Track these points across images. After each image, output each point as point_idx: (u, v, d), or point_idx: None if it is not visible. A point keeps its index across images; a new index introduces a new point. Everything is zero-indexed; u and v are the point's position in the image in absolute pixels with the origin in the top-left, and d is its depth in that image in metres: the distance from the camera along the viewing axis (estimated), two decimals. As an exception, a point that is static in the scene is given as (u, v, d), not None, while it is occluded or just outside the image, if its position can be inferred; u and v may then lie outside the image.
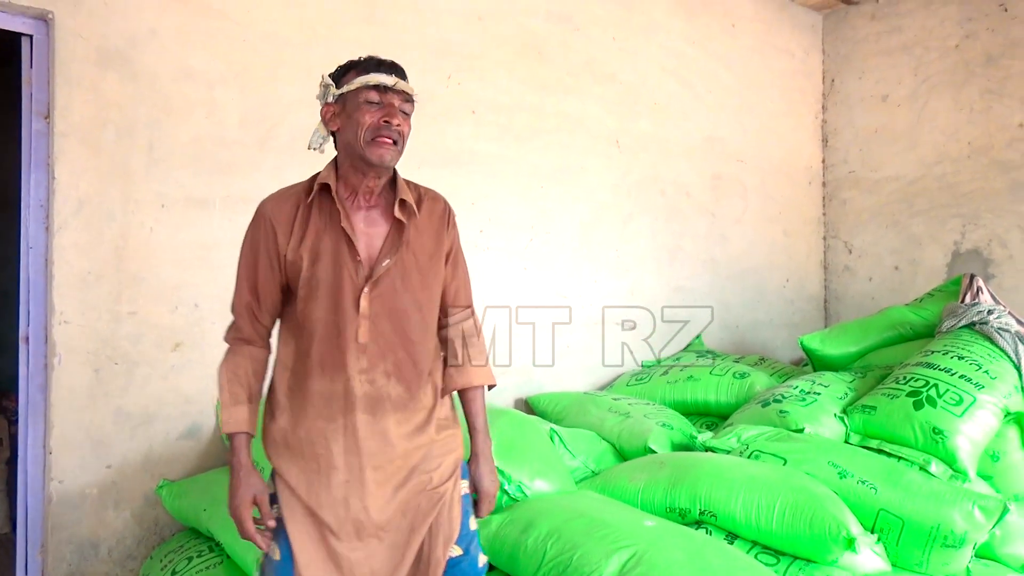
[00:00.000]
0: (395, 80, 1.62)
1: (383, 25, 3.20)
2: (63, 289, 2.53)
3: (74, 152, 2.54)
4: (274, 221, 1.65)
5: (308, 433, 1.63)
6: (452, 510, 1.69)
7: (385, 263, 1.63)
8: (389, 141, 1.61)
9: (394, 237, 1.66)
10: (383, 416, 1.63)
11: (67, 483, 2.54)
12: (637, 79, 4.08)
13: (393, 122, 1.61)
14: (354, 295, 1.61)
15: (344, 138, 1.65)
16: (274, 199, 1.70)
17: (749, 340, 4.67)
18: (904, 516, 2.33)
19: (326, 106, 1.68)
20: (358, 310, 1.61)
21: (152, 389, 2.69)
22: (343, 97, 1.64)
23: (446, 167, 3.36)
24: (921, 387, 2.81)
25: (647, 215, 4.14)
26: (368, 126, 1.60)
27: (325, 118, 1.68)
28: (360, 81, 1.61)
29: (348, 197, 1.67)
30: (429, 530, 1.66)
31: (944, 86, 4.47)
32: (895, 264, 4.71)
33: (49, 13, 2.50)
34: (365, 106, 1.60)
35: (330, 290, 1.62)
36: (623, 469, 2.64)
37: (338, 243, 1.62)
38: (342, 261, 1.62)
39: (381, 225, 1.67)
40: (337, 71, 1.68)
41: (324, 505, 1.61)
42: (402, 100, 1.64)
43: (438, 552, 1.65)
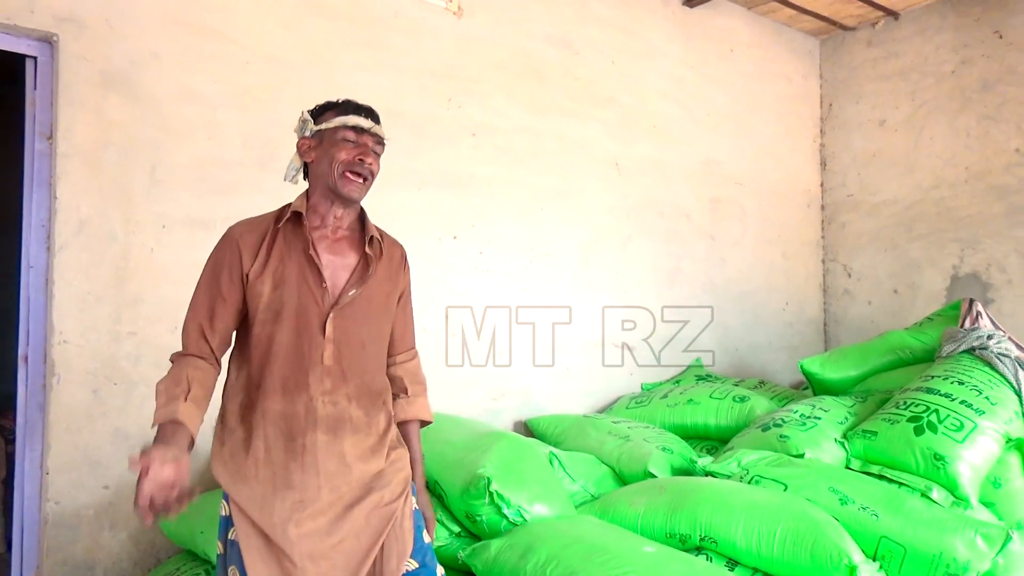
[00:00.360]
0: (371, 124, 1.75)
1: (383, 48, 3.23)
2: (63, 309, 2.52)
3: (76, 173, 2.55)
4: (241, 244, 1.71)
5: (263, 454, 1.65)
6: (403, 525, 1.73)
7: (352, 292, 1.72)
8: (359, 179, 1.73)
9: (361, 270, 1.76)
10: (342, 437, 1.69)
11: (64, 504, 2.53)
12: (636, 103, 4.11)
13: (366, 160, 1.73)
14: (320, 319, 1.69)
15: (318, 170, 1.76)
16: (243, 224, 1.77)
17: (748, 363, 4.66)
18: (906, 544, 2.31)
19: (303, 139, 1.78)
20: (324, 334, 1.68)
21: (151, 409, 2.64)
22: (320, 133, 1.75)
23: (446, 189, 3.38)
24: (922, 412, 2.80)
25: (646, 237, 4.15)
26: (342, 161, 1.71)
27: (301, 150, 1.79)
28: (339, 121, 1.73)
29: (316, 227, 1.76)
30: (381, 547, 1.68)
31: (941, 111, 4.50)
32: (894, 287, 4.72)
33: (54, 36, 2.53)
34: (342, 143, 1.72)
35: (294, 313, 1.68)
36: (623, 494, 2.62)
37: (303, 269, 1.70)
38: (308, 287, 1.70)
39: (348, 256, 1.77)
40: (316, 109, 1.80)
41: (276, 525, 1.62)
42: (375, 142, 1.76)
43: (391, 565, 1.68)
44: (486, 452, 2.48)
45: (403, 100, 3.26)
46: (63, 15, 2.53)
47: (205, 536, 2.41)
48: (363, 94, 3.09)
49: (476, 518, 2.38)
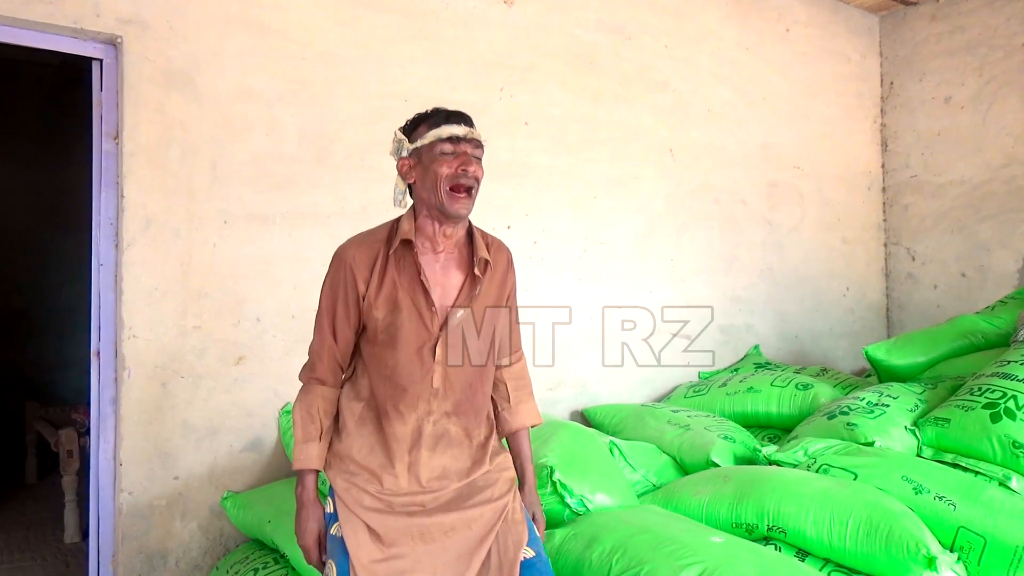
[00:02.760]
0: (466, 130, 1.69)
1: (435, 40, 3.23)
2: (132, 305, 2.59)
3: (142, 171, 2.61)
4: (354, 268, 1.71)
5: (373, 463, 1.71)
6: (516, 515, 1.76)
7: (459, 314, 1.71)
8: (464, 193, 1.68)
9: (469, 289, 1.74)
10: (443, 451, 1.73)
11: (136, 494, 2.60)
12: (690, 87, 4.04)
13: (469, 170, 1.67)
14: (430, 343, 1.70)
15: (422, 190, 1.72)
16: (355, 246, 1.75)
17: (808, 350, 4.55)
18: (986, 534, 2.22)
19: (401, 160, 1.74)
20: (434, 357, 1.70)
21: (216, 402, 2.73)
22: (418, 151, 1.71)
23: (499, 180, 3.36)
24: (998, 399, 2.69)
25: (702, 224, 4.08)
26: (445, 176, 1.66)
27: (402, 172, 1.75)
28: (433, 135, 1.67)
29: (425, 249, 1.74)
30: (497, 537, 1.71)
31: (1011, 86, 4.32)
32: (962, 271, 4.55)
33: (118, 38, 2.59)
34: (441, 157, 1.67)
35: (409, 338, 1.70)
36: (686, 483, 2.58)
37: (415, 294, 1.70)
38: (420, 311, 1.70)
39: (455, 275, 1.75)
40: (408, 125, 1.75)
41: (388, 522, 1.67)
42: (474, 147, 1.70)
43: (511, 554, 1.70)
44: (547, 442, 2.47)
45: (455, 91, 3.26)
46: (126, 17, 2.59)
47: (273, 525, 2.45)
48: (416, 86, 3.13)
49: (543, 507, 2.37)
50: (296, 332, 2.86)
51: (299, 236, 2.90)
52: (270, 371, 2.81)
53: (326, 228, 2.94)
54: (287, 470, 2.82)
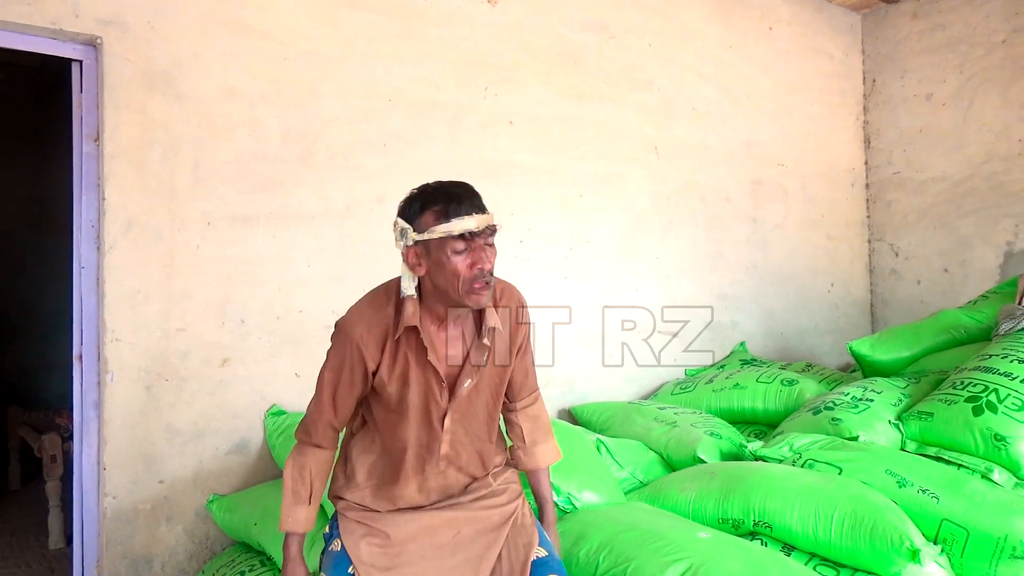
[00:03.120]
0: (478, 222, 1.53)
1: (418, 39, 3.22)
2: (114, 307, 2.57)
3: (123, 173, 2.59)
4: (362, 347, 1.65)
5: (379, 517, 1.75)
6: (524, 518, 1.78)
7: (467, 383, 1.69)
8: (484, 285, 1.57)
9: (475, 356, 1.69)
10: (452, 499, 1.78)
11: (121, 499, 2.58)
12: (674, 86, 4.05)
13: (486, 268, 1.56)
14: (439, 415, 1.70)
15: (435, 284, 1.59)
16: (362, 324, 1.65)
17: (794, 346, 4.58)
18: (969, 526, 2.24)
19: (408, 249, 1.59)
20: (443, 427, 1.70)
21: (201, 405, 2.72)
22: (425, 244, 1.56)
23: (484, 178, 3.36)
24: (980, 392, 2.72)
25: (687, 222, 4.09)
26: (464, 277, 1.54)
27: (409, 263, 1.60)
28: (443, 230, 1.52)
29: (432, 325, 1.67)
30: (506, 541, 1.73)
31: (991, 83, 4.36)
32: (944, 266, 4.59)
33: (98, 39, 2.56)
34: (453, 256, 1.53)
35: (418, 413, 1.70)
36: (673, 479, 2.59)
37: (425, 372, 1.67)
38: (428, 386, 1.68)
39: (460, 343, 1.69)
40: (409, 210, 1.59)
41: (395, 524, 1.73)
42: (487, 237, 1.57)
43: (521, 555, 1.71)
44: (534, 440, 2.46)
45: (440, 90, 3.26)
46: (106, 18, 2.57)
47: (259, 528, 2.44)
48: (400, 85, 3.12)
49: (526, 506, 2.37)
50: (281, 333, 2.84)
51: (283, 236, 2.89)
52: (255, 373, 2.80)
53: (311, 228, 2.93)
54: (273, 472, 2.80)
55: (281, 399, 2.84)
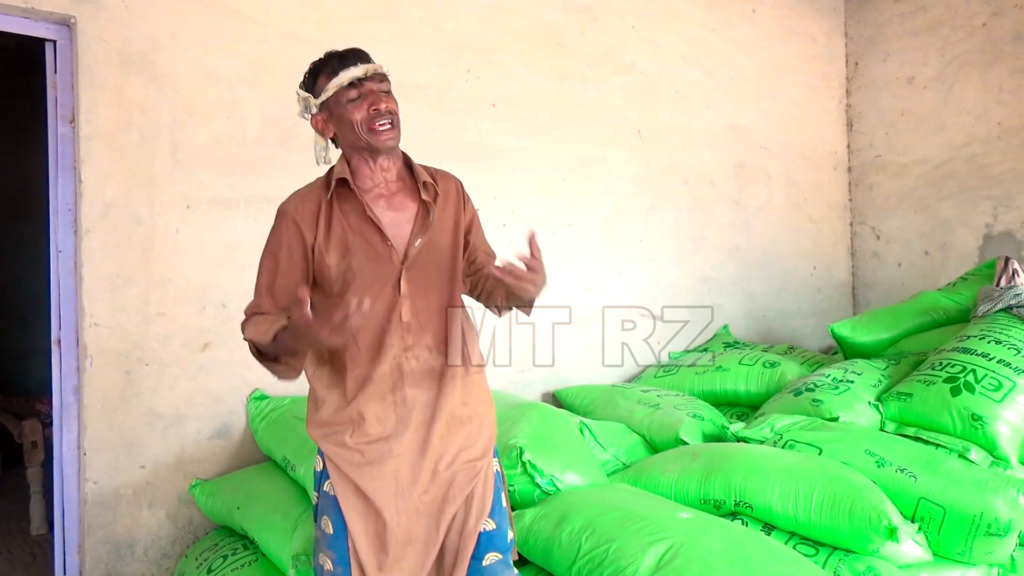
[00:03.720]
0: (364, 69, 1.66)
1: (400, 20, 3.19)
2: (92, 292, 2.54)
3: (99, 155, 2.56)
4: (298, 219, 1.67)
5: (357, 415, 1.66)
6: (486, 484, 1.74)
7: (418, 242, 1.68)
8: (387, 124, 1.65)
9: (422, 217, 1.71)
10: (429, 388, 1.69)
11: (102, 484, 2.57)
12: (657, 68, 4.04)
13: (381, 108, 1.65)
14: (394, 278, 1.67)
15: (344, 139, 1.70)
16: (295, 198, 1.72)
17: (777, 329, 4.61)
18: (945, 504, 2.28)
19: (313, 117, 1.72)
20: (399, 291, 1.66)
21: (182, 389, 2.70)
22: (325, 104, 1.68)
23: (467, 161, 3.34)
24: (958, 373, 2.75)
25: (670, 205, 4.09)
26: (360, 120, 1.64)
27: (318, 128, 1.73)
28: (334, 84, 1.65)
29: (367, 188, 1.71)
30: (464, 502, 1.70)
31: (972, 66, 4.37)
32: (925, 249, 4.63)
33: (71, 18, 2.52)
34: (349, 105, 1.65)
35: (368, 279, 1.65)
36: (655, 461, 2.61)
37: (367, 233, 1.67)
38: (374, 250, 1.66)
39: (406, 208, 1.72)
40: (306, 80, 1.72)
41: (375, 482, 1.65)
42: (378, 82, 1.67)
43: (471, 523, 1.69)
44: (517, 423, 2.47)
45: (422, 72, 3.23)
46: (80, -3, 2.53)
47: (241, 512, 2.44)
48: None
49: (509, 488, 2.38)
50: (263, 318, 2.82)
51: (264, 220, 2.82)
52: (237, 357, 2.78)
53: (292, 212, 2.90)
54: (256, 456, 2.80)
55: (263, 383, 2.83)
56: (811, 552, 2.18)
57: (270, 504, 2.37)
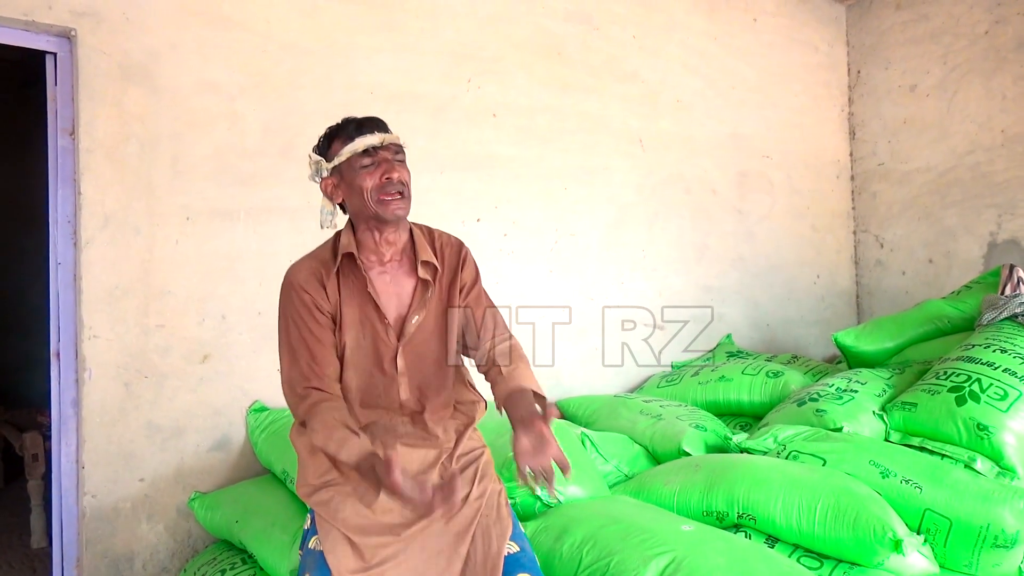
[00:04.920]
0: (381, 137, 1.65)
1: (400, 31, 3.19)
2: (92, 304, 2.54)
3: (99, 167, 2.56)
4: (308, 288, 1.66)
5: (349, 473, 1.66)
6: (501, 509, 1.73)
7: (414, 320, 1.68)
8: (396, 195, 1.65)
9: (420, 294, 1.70)
10: (420, 448, 1.70)
11: (100, 497, 2.55)
12: (659, 77, 4.04)
13: (393, 177, 1.64)
14: (390, 356, 1.66)
15: (352, 206, 1.70)
16: (301, 270, 1.71)
17: (780, 338, 4.59)
18: (952, 516, 2.25)
19: (324, 181, 1.71)
20: (396, 369, 1.66)
21: (181, 402, 2.69)
22: (337, 169, 1.68)
23: (468, 171, 3.34)
24: (963, 382, 2.72)
25: (673, 214, 4.08)
26: (371, 188, 1.63)
27: (327, 192, 1.72)
28: (348, 150, 1.64)
29: (371, 263, 1.70)
30: (480, 531, 1.68)
31: (974, 74, 4.36)
32: (929, 257, 4.60)
33: (72, 30, 2.52)
34: (361, 171, 1.64)
35: (368, 354, 1.65)
36: (657, 473, 2.58)
37: (365, 308, 1.67)
38: (372, 325, 1.66)
39: (406, 284, 1.71)
40: (321, 144, 1.72)
41: (361, 524, 1.63)
42: (393, 153, 1.67)
43: (494, 548, 1.66)
44: (517, 434, 2.45)
45: (422, 83, 3.23)
46: (80, 9, 2.53)
47: (240, 525, 2.42)
48: (382, 78, 3.09)
49: (510, 500, 2.36)
50: (263, 329, 2.81)
51: (264, 231, 2.86)
52: (237, 369, 2.77)
53: (292, 223, 2.89)
54: (255, 469, 2.78)
55: (263, 395, 2.81)
56: (815, 565, 2.16)
57: (269, 518, 2.35)
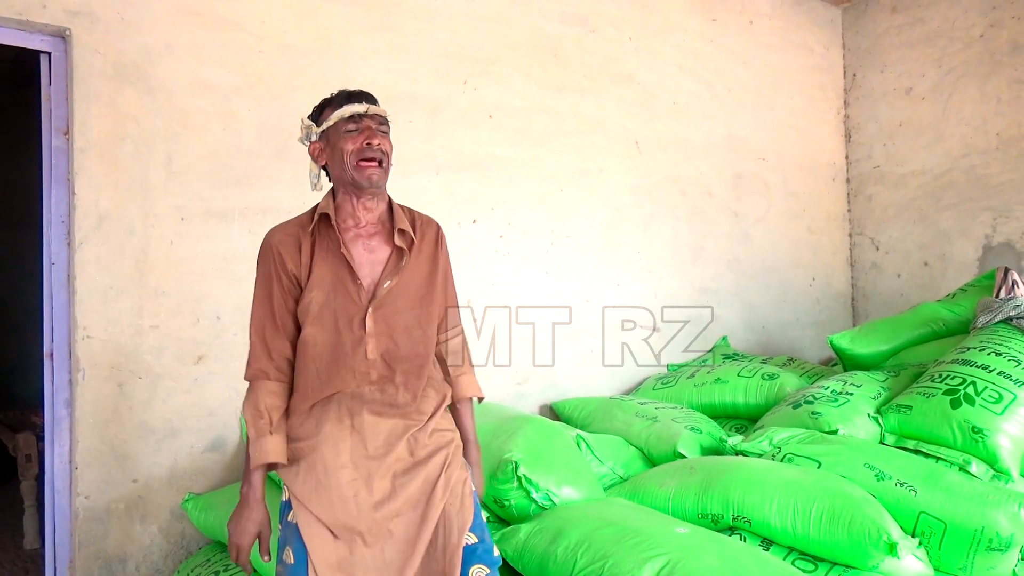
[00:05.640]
0: (367, 107, 1.73)
1: (397, 32, 3.18)
2: (85, 304, 2.53)
3: (93, 167, 2.55)
4: (281, 249, 1.74)
5: (316, 440, 1.70)
6: (464, 500, 1.74)
7: (387, 284, 1.73)
8: (374, 162, 1.72)
9: (394, 261, 1.76)
10: (388, 418, 1.72)
11: (93, 498, 2.54)
12: (655, 79, 4.04)
13: (374, 143, 1.71)
14: (360, 316, 1.71)
15: (334, 169, 1.76)
16: (278, 230, 1.79)
17: (776, 340, 4.59)
18: (946, 519, 2.25)
19: (312, 144, 1.80)
20: (364, 329, 1.70)
21: (176, 403, 2.68)
22: (325, 133, 1.76)
23: (464, 172, 3.34)
24: (958, 385, 2.73)
25: (669, 216, 4.08)
26: (351, 151, 1.71)
27: (313, 155, 1.80)
28: (336, 115, 1.73)
29: (348, 227, 1.76)
30: (443, 520, 1.70)
31: (969, 77, 4.37)
32: (924, 260, 4.61)
33: (66, 30, 2.51)
34: (346, 135, 1.72)
35: (333, 314, 1.71)
36: (652, 475, 2.58)
37: (338, 269, 1.72)
38: (343, 286, 1.71)
39: (381, 251, 1.77)
40: (314, 112, 1.81)
41: (335, 508, 1.66)
42: (378, 123, 1.75)
43: (453, 539, 1.69)
44: (513, 436, 2.45)
45: (418, 84, 3.22)
46: (75, 9, 2.52)
47: (234, 527, 2.40)
48: (378, 79, 3.08)
49: (504, 503, 2.36)
50: (257, 330, 2.80)
51: (259, 232, 2.83)
52: (231, 370, 2.76)
53: (287, 224, 2.88)
54: (250, 470, 2.77)
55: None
56: (810, 568, 2.15)
57: (263, 519, 2.34)
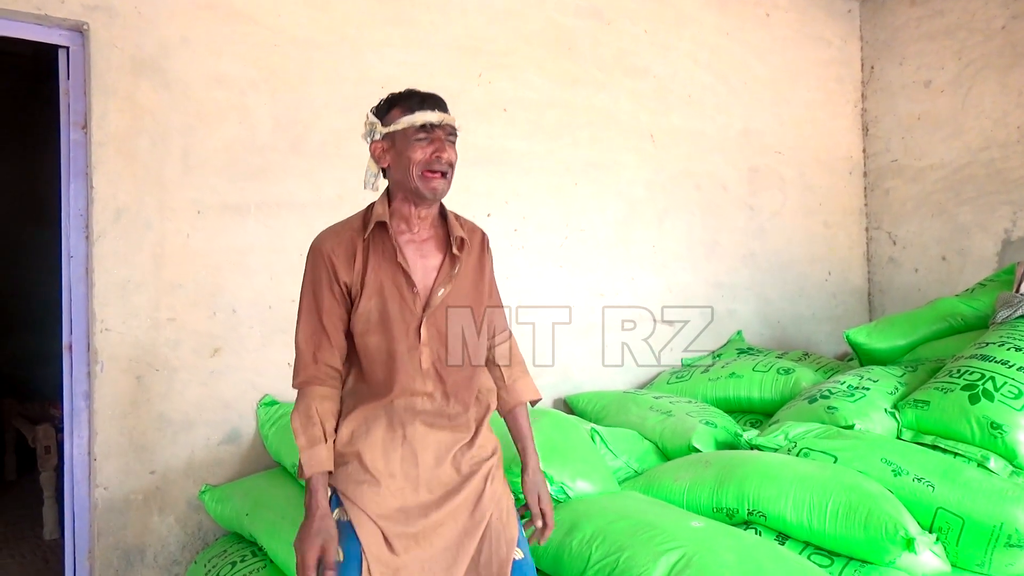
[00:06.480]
0: (440, 116, 1.68)
1: (411, 25, 3.18)
2: (103, 297, 2.55)
3: (111, 161, 2.57)
4: (333, 257, 1.69)
5: (365, 444, 1.68)
6: (509, 514, 1.74)
7: (440, 292, 1.70)
8: (439, 174, 1.68)
9: (447, 268, 1.73)
10: (439, 429, 1.71)
11: (112, 489, 2.57)
12: (670, 72, 4.02)
13: (443, 156, 1.67)
14: (415, 324, 1.68)
15: (395, 174, 1.71)
16: (330, 236, 1.73)
17: (791, 335, 4.56)
18: (964, 515, 2.23)
19: (374, 143, 1.73)
20: (419, 338, 1.68)
21: (192, 395, 2.70)
22: (390, 135, 1.70)
23: (478, 165, 3.33)
24: (977, 380, 2.70)
25: (683, 210, 4.06)
26: (419, 162, 1.66)
27: (375, 155, 1.74)
28: (407, 121, 1.67)
29: (402, 231, 1.73)
30: (489, 533, 1.69)
31: (990, 69, 4.32)
32: (942, 254, 4.56)
33: (84, 24, 2.53)
34: (415, 143, 1.67)
35: (391, 321, 1.68)
36: (667, 469, 2.57)
37: (395, 276, 1.69)
38: (400, 293, 1.68)
39: (434, 256, 1.74)
40: (381, 107, 1.74)
41: (383, 513, 1.65)
42: (447, 133, 1.70)
43: (502, 553, 1.68)
44: (527, 429, 2.44)
45: (433, 77, 3.22)
46: (92, 3, 2.54)
47: (251, 518, 2.43)
48: (392, 72, 3.09)
49: (519, 496, 2.36)
50: (273, 322, 2.82)
51: (274, 225, 2.86)
52: (247, 362, 2.78)
53: (302, 217, 2.90)
54: (265, 462, 2.79)
55: (273, 389, 2.82)
56: (826, 562, 2.15)
57: (279, 511, 2.36)
